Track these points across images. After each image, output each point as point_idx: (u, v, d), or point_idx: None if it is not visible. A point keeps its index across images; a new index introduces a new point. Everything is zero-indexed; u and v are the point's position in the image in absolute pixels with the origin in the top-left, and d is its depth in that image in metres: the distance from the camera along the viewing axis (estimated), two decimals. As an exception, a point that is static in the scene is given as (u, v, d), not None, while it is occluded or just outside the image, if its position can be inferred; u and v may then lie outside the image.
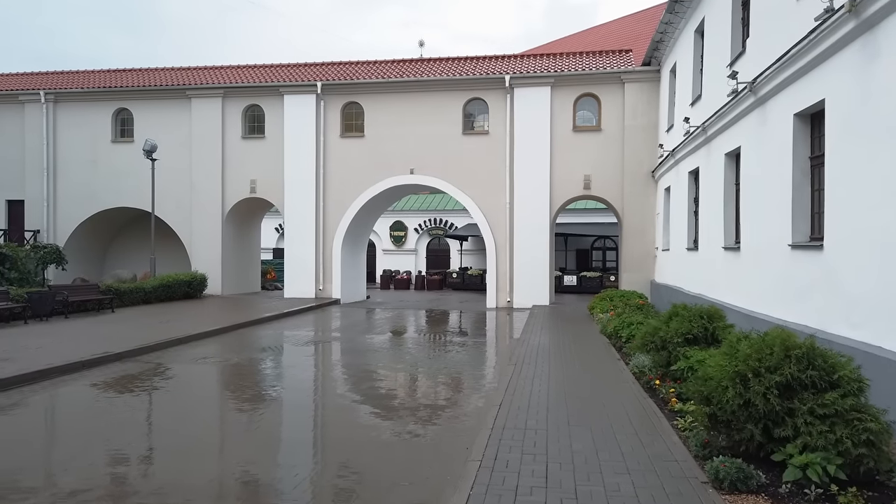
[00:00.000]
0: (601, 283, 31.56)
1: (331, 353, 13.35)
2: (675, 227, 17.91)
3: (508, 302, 22.72)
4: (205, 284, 23.31)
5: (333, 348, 13.75)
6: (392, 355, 12.76)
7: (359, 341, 14.59)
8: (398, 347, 13.82)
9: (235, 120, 24.48)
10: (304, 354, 12.79)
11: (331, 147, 23.90)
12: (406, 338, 15.43)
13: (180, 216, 24.79)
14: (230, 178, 24.52)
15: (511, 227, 22.65)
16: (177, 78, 25.43)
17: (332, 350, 13.59)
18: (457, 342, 14.56)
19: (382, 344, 14.20)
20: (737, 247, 11.79)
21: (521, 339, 13.75)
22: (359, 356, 12.73)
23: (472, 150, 23.02)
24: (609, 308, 17.73)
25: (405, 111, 23.36)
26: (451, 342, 14.58)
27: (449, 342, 14.60)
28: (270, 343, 14.21)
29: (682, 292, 16.04)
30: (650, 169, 21.61)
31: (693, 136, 14.54)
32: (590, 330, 15.21)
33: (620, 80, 21.95)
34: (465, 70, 23.49)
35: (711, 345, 8.36)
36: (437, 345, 14.17)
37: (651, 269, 21.74)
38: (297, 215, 23.92)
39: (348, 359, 12.57)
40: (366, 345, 14.05)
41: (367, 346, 13.94)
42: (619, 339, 12.41)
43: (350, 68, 25.04)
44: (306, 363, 11.87)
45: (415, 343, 14.51)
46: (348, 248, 24.42)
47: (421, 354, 12.90)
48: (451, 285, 35.50)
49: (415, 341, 14.80)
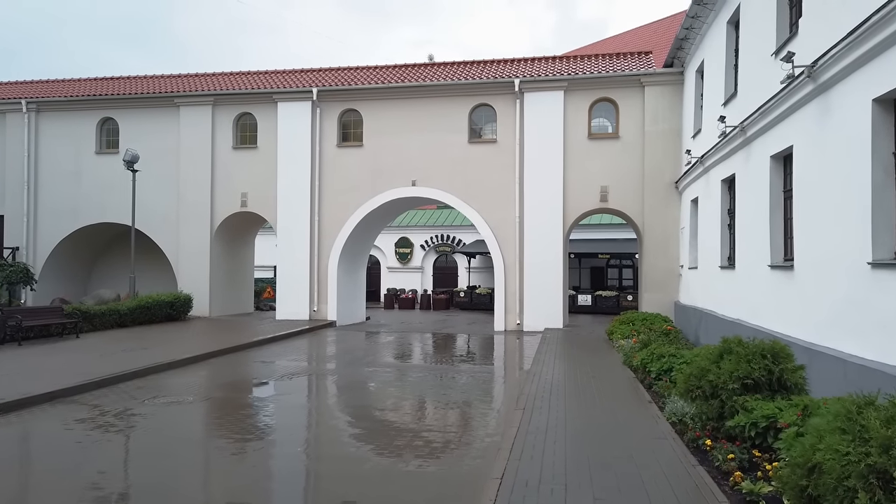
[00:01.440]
0: (618, 302, 29.73)
1: (306, 395, 11.52)
2: (704, 242, 16.01)
3: (518, 324, 20.83)
4: (189, 305, 21.61)
5: (311, 386, 11.92)
6: (376, 397, 10.86)
7: (339, 377, 12.76)
8: (385, 386, 11.92)
9: (226, 129, 22.92)
10: (275, 395, 10.97)
11: (327, 157, 22.25)
12: (397, 372, 13.54)
13: (167, 232, 23.17)
14: (220, 191, 22.90)
15: (521, 243, 20.82)
16: (165, 85, 23.95)
17: (309, 391, 11.76)
18: (457, 377, 12.66)
19: (367, 381, 12.33)
20: (788, 265, 9.90)
21: (531, 371, 11.88)
22: (332, 398, 10.92)
23: (478, 160, 21.28)
24: (630, 333, 15.85)
25: (407, 119, 21.70)
26: (450, 378, 12.67)
27: (448, 377, 12.70)
28: (243, 377, 12.43)
29: (714, 316, 14.12)
30: (673, 179, 19.75)
31: (729, 137, 12.69)
32: (610, 360, 13.30)
33: (640, 84, 20.17)
34: (471, 74, 21.83)
35: (777, 392, 6.48)
36: (433, 382, 12.28)
37: (675, 289, 19.80)
38: (289, 231, 22.22)
39: (320, 401, 10.76)
40: (346, 381, 12.22)
41: (346, 382, 12.11)
42: (648, 373, 10.52)
43: (348, 74, 23.45)
44: (274, 409, 10.06)
45: (407, 380, 12.61)
46: (345, 266, 22.67)
47: (412, 395, 11.01)
48: (458, 305, 33.66)
49: (407, 377, 12.90)
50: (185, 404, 9.57)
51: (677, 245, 19.75)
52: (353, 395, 10.88)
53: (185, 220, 22.89)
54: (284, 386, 11.39)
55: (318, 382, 11.95)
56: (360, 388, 11.42)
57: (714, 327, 14.12)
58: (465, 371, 13.16)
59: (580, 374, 11.52)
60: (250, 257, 26.02)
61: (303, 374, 12.65)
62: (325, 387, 11.59)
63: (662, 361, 10.26)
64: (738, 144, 12.46)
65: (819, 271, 8.69)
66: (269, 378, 12.08)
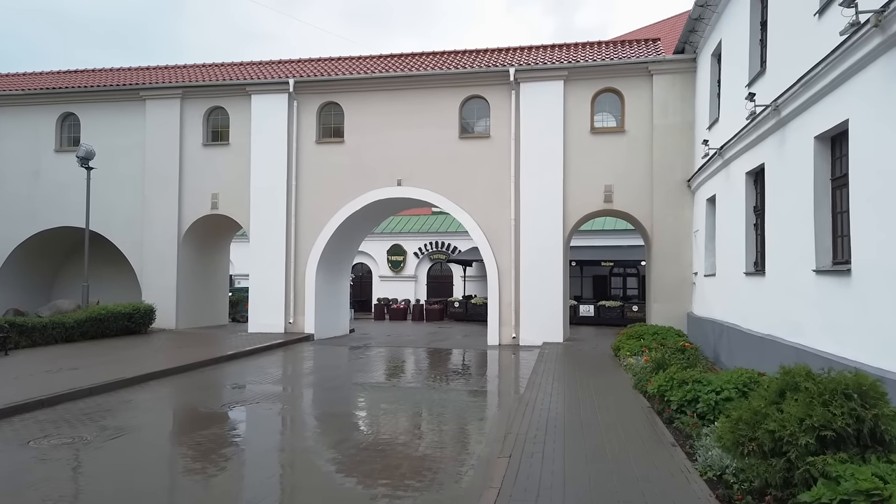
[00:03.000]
0: (622, 313, 27.78)
1: (230, 437, 9.53)
2: (724, 245, 14.05)
3: (514, 338, 18.82)
4: (152, 317, 19.60)
5: (250, 422, 9.93)
6: (325, 436, 8.85)
7: (286, 406, 10.78)
8: (342, 419, 9.89)
9: (196, 125, 21.02)
10: (211, 435, 8.99)
11: (305, 155, 20.33)
12: (364, 401, 11.49)
13: (131, 237, 21.22)
14: (188, 192, 20.96)
15: (517, 249, 18.84)
16: (130, 78, 22.08)
17: (250, 427, 9.77)
18: (437, 407, 10.57)
19: (322, 412, 10.36)
20: (841, 269, 7.93)
21: (524, 398, 9.88)
22: (268, 435, 8.94)
23: (470, 157, 19.35)
24: (640, 349, 13.88)
25: (392, 113, 19.79)
26: (429, 408, 10.60)
27: (426, 407, 10.64)
28: (184, 405, 10.45)
29: (738, 331, 12.13)
30: (685, 177, 17.81)
31: (758, 120, 10.76)
32: (618, 383, 11.30)
33: (648, 72, 18.26)
34: (462, 64, 19.93)
35: (870, 449, 4.49)
36: (406, 413, 10.26)
37: (687, 299, 17.80)
38: (263, 235, 20.27)
39: (248, 443, 8.77)
40: (293, 413, 10.25)
41: (299, 413, 10.13)
42: (667, 404, 8.52)
43: (328, 65, 21.57)
44: (199, 456, 8.08)
45: (375, 411, 10.53)
46: (325, 274, 20.69)
47: (373, 433, 9.01)
48: (452, 315, 31.65)
49: (376, 407, 10.82)
50: (84, 447, 7.54)
51: (690, 250, 17.78)
52: (295, 435, 8.89)
53: (150, 224, 20.95)
54: (226, 421, 9.40)
55: (254, 417, 9.94)
56: (308, 424, 9.44)
57: (739, 344, 12.13)
58: (447, 399, 11.14)
59: (583, 402, 9.53)
60: (224, 265, 24.04)
61: (252, 401, 10.66)
62: (261, 421, 9.58)
63: (685, 390, 8.26)
64: (770, 128, 10.52)
65: (888, 277, 6.74)
66: (212, 407, 10.09)
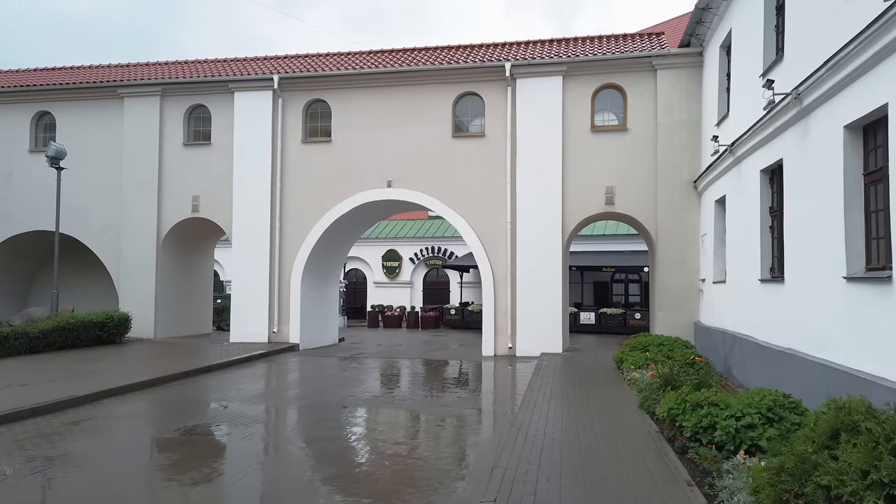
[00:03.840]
0: (624, 321, 26.82)
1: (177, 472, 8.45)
2: (735, 250, 13.00)
3: (510, 348, 17.75)
4: (127, 326, 18.52)
5: (193, 455, 8.86)
6: (286, 467, 7.82)
7: (243, 429, 9.73)
8: (310, 445, 8.81)
9: (176, 124, 20.01)
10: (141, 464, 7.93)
11: (290, 155, 19.31)
12: (340, 421, 10.44)
13: (108, 242, 20.19)
14: (168, 195, 19.94)
15: (513, 254, 17.80)
16: (108, 75, 21.10)
17: (194, 461, 8.70)
18: (419, 429, 9.52)
19: (287, 436, 9.31)
20: (882, 276, 6.89)
21: (517, 420, 8.82)
22: (229, 467, 7.88)
23: (463, 157, 18.33)
24: (644, 361, 12.84)
25: (382, 110, 18.79)
26: (410, 430, 9.53)
27: (407, 431, 9.58)
28: (133, 428, 9.40)
29: (753, 343, 11.08)
30: (692, 178, 16.78)
31: (777, 112, 9.73)
32: (622, 401, 10.24)
33: (651, 67, 17.25)
34: (455, 59, 18.93)
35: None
36: (384, 438, 9.19)
37: (694, 307, 16.74)
38: (246, 239, 19.23)
39: (199, 480, 7.71)
40: (251, 438, 9.20)
41: (255, 442, 9.08)
42: (679, 430, 7.46)
43: (315, 61, 20.57)
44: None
45: (347, 433, 9.44)
46: (312, 280, 19.64)
47: (340, 463, 7.97)
48: (448, 323, 30.64)
49: (348, 430, 9.74)
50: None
51: (697, 255, 16.73)
52: (241, 465, 7.84)
53: (127, 228, 19.92)
54: (182, 448, 8.34)
55: (212, 444, 8.87)
56: (267, 451, 8.38)
57: (754, 357, 11.07)
58: (432, 421, 10.07)
59: (583, 425, 8.46)
60: (207, 271, 22.99)
61: (216, 422, 9.60)
62: (220, 449, 8.53)
63: (700, 414, 7.20)
64: (790, 119, 9.49)
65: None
66: (168, 431, 9.03)
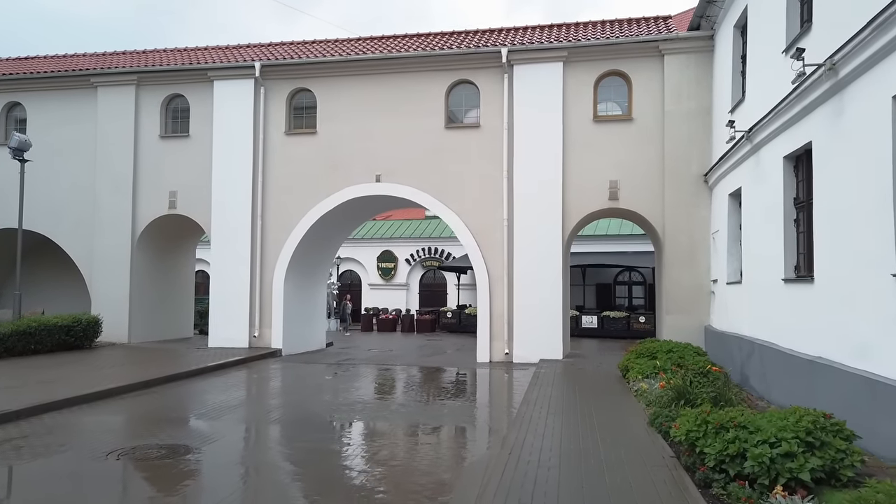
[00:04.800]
0: (628, 325, 25.67)
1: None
2: (753, 247, 11.78)
3: (507, 354, 16.55)
4: (97, 330, 17.31)
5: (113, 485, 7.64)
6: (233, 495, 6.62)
7: (206, 450, 8.53)
8: (265, 471, 7.68)
9: (152, 114, 18.85)
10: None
11: (273, 148, 18.14)
12: (307, 440, 9.27)
13: (80, 240, 19.02)
14: (144, 190, 18.77)
15: (510, 253, 16.61)
16: (81, 64, 19.95)
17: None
18: (399, 452, 8.35)
19: (247, 461, 8.10)
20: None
21: (508, 442, 7.61)
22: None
23: (457, 149, 17.15)
24: (652, 370, 11.66)
25: (370, 100, 17.61)
26: (387, 453, 8.39)
27: (385, 452, 8.43)
28: (39, 454, 8.19)
29: (776, 351, 9.87)
30: (702, 171, 15.58)
31: (806, 87, 8.53)
32: (629, 417, 9.02)
33: (658, 52, 16.06)
34: (448, 45, 17.74)
35: None
36: (356, 462, 8.03)
37: (705, 310, 15.53)
38: (226, 237, 18.04)
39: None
40: (210, 463, 7.99)
41: (209, 467, 7.87)
42: (700, 457, 6.25)
43: (299, 49, 19.40)
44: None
45: (310, 460, 8.34)
46: (297, 281, 18.45)
47: (294, 497, 6.79)
48: (445, 327, 29.44)
49: (312, 451, 8.63)
50: None
51: (708, 254, 15.52)
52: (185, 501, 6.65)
53: (101, 226, 18.75)
54: (101, 478, 7.13)
55: (130, 481, 7.66)
56: (205, 485, 7.19)
57: (777, 367, 9.86)
58: (413, 442, 8.87)
59: (584, 448, 7.25)
60: (188, 271, 21.80)
61: (156, 444, 8.40)
62: (138, 484, 7.33)
63: (725, 439, 5.99)
64: (822, 95, 8.29)
65: None
66: (95, 456, 7.81)
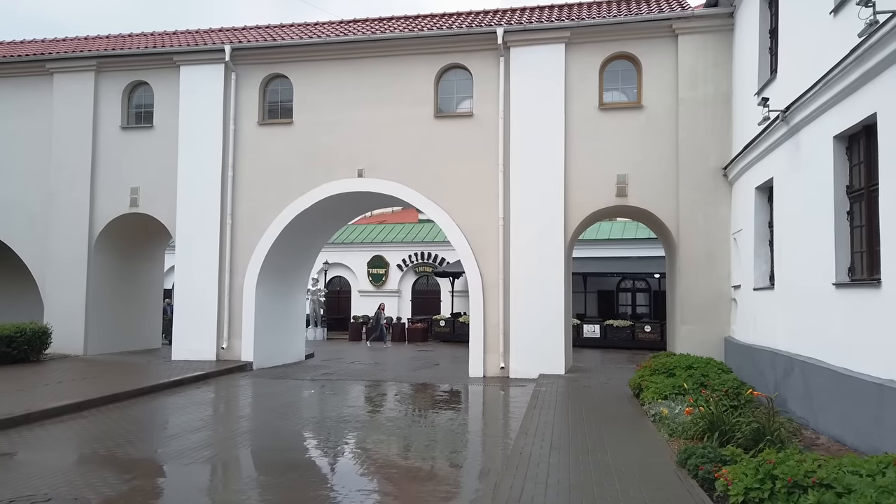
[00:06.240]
0: (632, 334, 24.06)
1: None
2: (789, 246, 10.09)
3: (502, 369, 14.82)
4: (45, 341, 15.53)
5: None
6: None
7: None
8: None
9: (113, 103, 17.14)
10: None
11: (245, 139, 16.44)
12: (244, 488, 7.54)
13: (33, 241, 17.26)
14: (103, 186, 17.03)
15: (506, 256, 14.91)
16: (35, 49, 18.24)
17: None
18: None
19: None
20: None
21: (501, 493, 5.89)
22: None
23: (448, 141, 15.48)
24: (671, 390, 10.00)
25: (352, 87, 15.94)
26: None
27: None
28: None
29: (826, 370, 8.16)
30: (721, 163, 13.93)
31: (871, 46, 6.87)
32: (652, 455, 7.28)
33: (671, 32, 14.44)
34: (439, 26, 16.10)
35: None
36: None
37: (725, 319, 13.84)
38: (192, 238, 16.30)
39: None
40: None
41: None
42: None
43: (275, 32, 17.73)
44: None
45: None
46: (271, 287, 16.71)
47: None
48: (438, 336, 27.70)
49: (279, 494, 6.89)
50: None
51: (728, 256, 13.85)
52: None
53: (55, 225, 17.00)
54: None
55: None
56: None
57: (826, 389, 8.15)
58: (382, 491, 7.15)
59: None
60: (155, 277, 19.99)
61: (41, 498, 6.65)
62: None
63: (804, 502, 4.29)
64: (890, 56, 6.64)
65: None
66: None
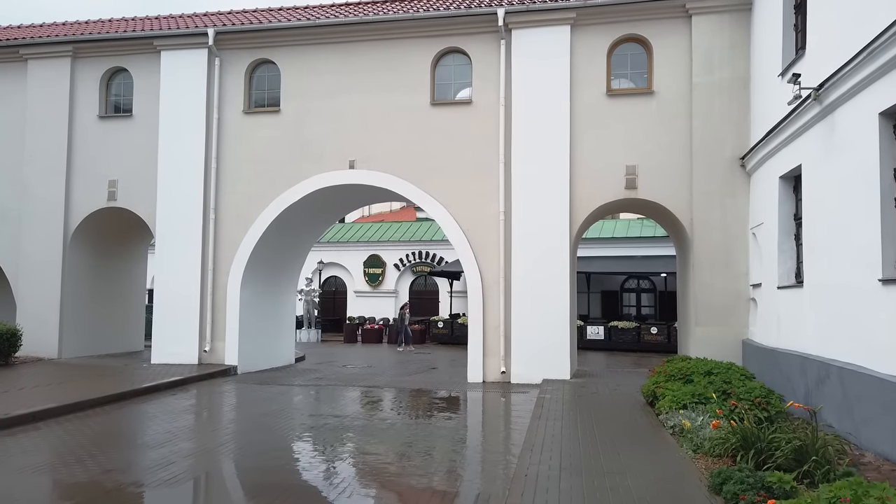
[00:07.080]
0: (638, 336, 23.12)
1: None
2: (822, 240, 9.09)
3: (503, 373, 13.83)
4: (14, 343, 14.53)
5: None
6: None
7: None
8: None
9: (91, 91, 16.17)
10: None
11: (229, 129, 15.46)
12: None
13: (5, 237, 16.28)
14: (79, 178, 16.06)
15: (507, 253, 13.93)
16: (9, 35, 17.27)
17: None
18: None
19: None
20: None
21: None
22: None
23: (445, 130, 14.50)
24: (690, 398, 9.04)
25: (343, 72, 14.97)
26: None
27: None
28: None
29: (871, 378, 7.17)
30: (739, 153, 12.94)
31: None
32: (680, 481, 6.28)
33: (685, 12, 13.46)
34: (436, 6, 15.12)
35: None
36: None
37: (743, 320, 12.84)
38: (173, 234, 15.34)
39: None
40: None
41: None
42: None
43: (262, 16, 16.73)
44: None
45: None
46: (257, 287, 15.72)
47: None
48: (436, 338, 26.73)
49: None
50: None
51: (746, 253, 12.86)
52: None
53: (28, 220, 16.03)
54: None
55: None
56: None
57: (872, 400, 7.14)
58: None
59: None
60: (138, 275, 18.99)
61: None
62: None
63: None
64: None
65: None
66: None
